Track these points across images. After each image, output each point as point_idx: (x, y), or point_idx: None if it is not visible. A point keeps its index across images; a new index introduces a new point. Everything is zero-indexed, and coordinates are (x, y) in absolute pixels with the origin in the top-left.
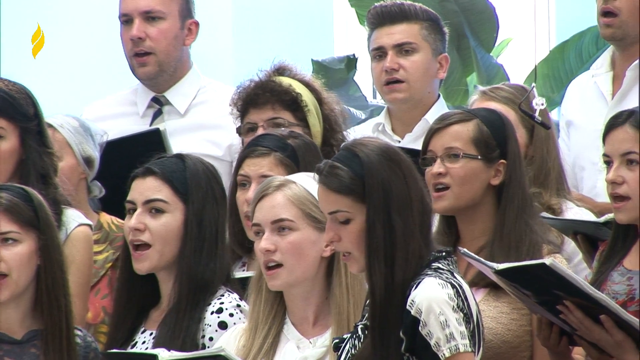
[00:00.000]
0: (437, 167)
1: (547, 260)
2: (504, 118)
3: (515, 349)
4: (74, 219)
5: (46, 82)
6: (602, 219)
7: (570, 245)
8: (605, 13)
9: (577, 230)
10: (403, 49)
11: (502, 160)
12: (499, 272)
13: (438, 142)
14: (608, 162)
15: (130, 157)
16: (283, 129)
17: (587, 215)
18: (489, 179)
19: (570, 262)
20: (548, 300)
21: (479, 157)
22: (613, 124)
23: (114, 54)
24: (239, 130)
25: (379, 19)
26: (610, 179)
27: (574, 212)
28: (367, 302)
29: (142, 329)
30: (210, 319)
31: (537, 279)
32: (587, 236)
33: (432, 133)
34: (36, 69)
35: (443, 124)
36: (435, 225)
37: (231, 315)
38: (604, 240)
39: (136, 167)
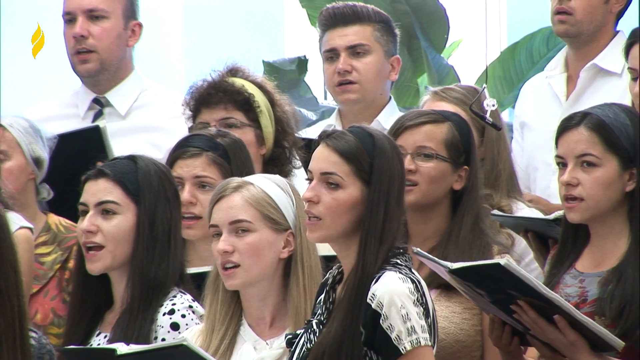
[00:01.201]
0: (407, 164)
1: (501, 260)
2: (469, 125)
3: (467, 348)
4: (14, 222)
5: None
6: (551, 216)
7: (521, 245)
8: (559, 12)
9: (527, 227)
10: (355, 50)
11: (465, 167)
12: (453, 272)
13: (410, 139)
14: (562, 164)
15: (69, 154)
16: (210, 128)
17: (538, 215)
18: (452, 182)
19: (521, 262)
20: (502, 299)
21: (449, 160)
22: (567, 126)
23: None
24: (191, 130)
25: (331, 21)
26: (566, 180)
27: (524, 213)
28: (322, 296)
29: (97, 332)
30: (162, 320)
31: (491, 279)
32: (537, 234)
33: (404, 129)
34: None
35: (416, 121)
36: None
37: (183, 316)
38: (554, 238)
39: (76, 164)
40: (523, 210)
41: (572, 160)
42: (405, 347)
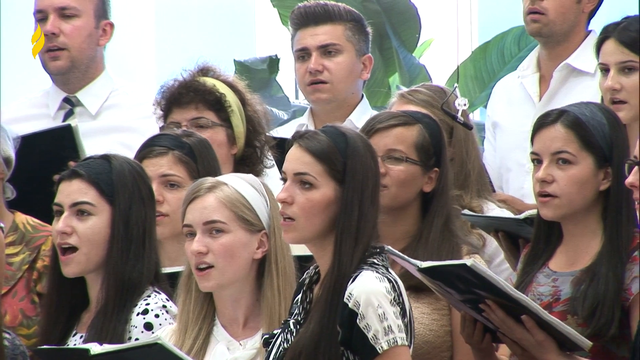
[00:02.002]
0: None
1: (468, 261)
2: (440, 127)
3: (436, 349)
4: None
5: None
6: (522, 215)
7: (492, 246)
8: (532, 12)
9: (498, 227)
10: (327, 50)
11: (436, 169)
12: (422, 270)
13: (380, 142)
14: (537, 161)
15: (41, 154)
16: (175, 128)
17: (508, 215)
18: (422, 185)
19: (492, 263)
20: (471, 298)
21: (419, 163)
22: (543, 123)
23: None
24: (162, 130)
25: (302, 20)
26: (541, 177)
27: (495, 213)
28: (299, 296)
29: (74, 332)
30: (136, 320)
31: (460, 279)
32: (508, 234)
33: (374, 132)
34: None
35: (387, 124)
36: None
37: (157, 316)
38: (524, 238)
39: (48, 164)
40: (494, 210)
41: (547, 157)
42: (382, 347)
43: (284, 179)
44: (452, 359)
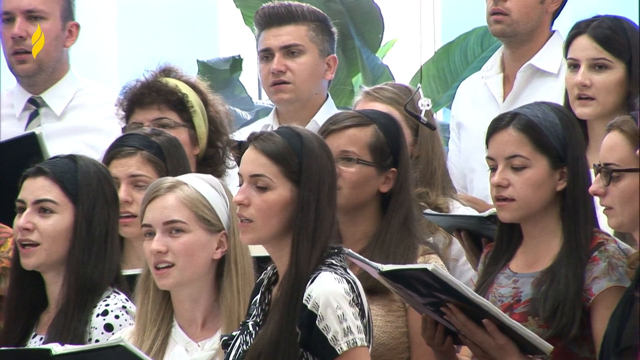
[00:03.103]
0: None
1: (429, 266)
2: (399, 126)
3: (392, 350)
4: None
5: None
6: (485, 213)
7: (457, 245)
8: (495, 13)
9: (460, 226)
10: (290, 50)
11: (393, 169)
12: (383, 274)
13: (333, 143)
14: (492, 166)
15: (6, 163)
16: (144, 127)
17: (472, 212)
18: (378, 185)
19: (458, 262)
20: (432, 301)
21: (373, 163)
22: (496, 127)
23: None
24: (124, 131)
25: (266, 21)
26: (496, 182)
27: (460, 211)
28: (257, 297)
29: (34, 334)
30: (96, 321)
31: (421, 282)
32: (470, 233)
33: (328, 133)
34: None
35: (340, 125)
36: None
37: (117, 317)
38: (487, 237)
39: (13, 173)
40: (459, 208)
41: (502, 162)
42: (341, 348)
43: (240, 182)
44: None
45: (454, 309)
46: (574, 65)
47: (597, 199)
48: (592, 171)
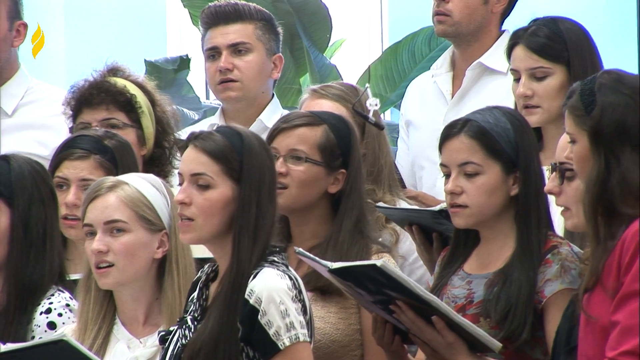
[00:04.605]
0: (278, 166)
1: (378, 262)
2: (350, 127)
3: (344, 347)
4: None
5: None
6: (437, 207)
7: (406, 243)
8: (437, 14)
9: (412, 220)
10: (237, 49)
11: (342, 170)
12: (332, 271)
13: (283, 142)
14: (446, 172)
15: None
16: (97, 128)
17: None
18: (327, 185)
19: (407, 260)
20: (382, 299)
21: (322, 163)
22: (448, 134)
23: None
24: (72, 131)
25: (213, 19)
26: (450, 189)
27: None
28: (195, 294)
29: None
30: (39, 319)
31: (370, 279)
32: (422, 228)
33: (278, 131)
34: None
35: (291, 124)
36: None
37: (60, 315)
38: (439, 231)
39: None
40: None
41: (455, 169)
42: (284, 343)
43: (181, 182)
44: (362, 358)
45: (403, 306)
46: (516, 76)
47: (553, 202)
48: (546, 172)
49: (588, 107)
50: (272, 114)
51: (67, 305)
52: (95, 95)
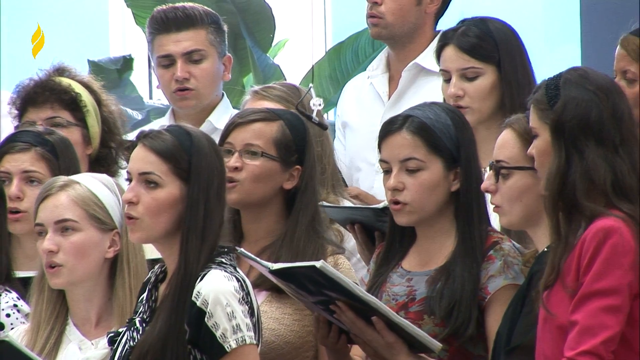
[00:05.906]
0: (233, 161)
1: (317, 263)
2: (306, 125)
3: (298, 349)
4: None
5: None
6: (380, 205)
7: (350, 242)
8: (371, 17)
9: (355, 219)
10: (192, 57)
11: (297, 166)
12: (273, 272)
13: (239, 136)
14: (386, 168)
15: None
16: (37, 125)
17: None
18: (282, 182)
19: (352, 259)
20: (323, 300)
21: (278, 159)
22: (389, 130)
23: None
24: (17, 130)
25: (163, 25)
26: (392, 185)
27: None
28: (144, 295)
29: None
30: None
31: (310, 280)
32: (364, 227)
33: (234, 126)
34: None
35: (247, 119)
36: None
37: (8, 315)
38: (381, 230)
39: None
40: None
41: (396, 165)
42: (230, 345)
43: (129, 180)
44: (315, 359)
45: (343, 307)
46: (446, 77)
47: (488, 198)
48: (484, 172)
49: (551, 100)
50: (222, 114)
51: (15, 305)
52: (40, 94)
